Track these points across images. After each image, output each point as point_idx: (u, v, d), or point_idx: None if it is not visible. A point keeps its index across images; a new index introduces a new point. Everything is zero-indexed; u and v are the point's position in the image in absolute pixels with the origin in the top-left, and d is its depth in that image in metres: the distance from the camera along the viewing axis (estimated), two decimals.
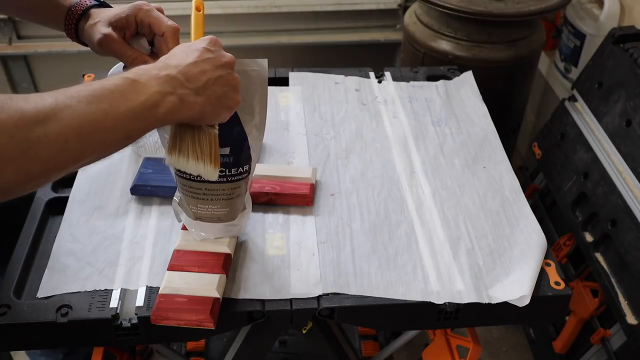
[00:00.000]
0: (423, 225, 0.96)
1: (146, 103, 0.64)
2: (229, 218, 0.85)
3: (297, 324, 0.85)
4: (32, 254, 0.92)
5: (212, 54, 0.72)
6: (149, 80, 0.65)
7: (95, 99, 0.61)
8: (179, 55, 0.71)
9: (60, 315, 0.81)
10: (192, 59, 0.70)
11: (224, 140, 0.76)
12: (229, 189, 0.81)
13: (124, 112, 0.63)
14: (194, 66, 0.69)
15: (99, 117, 0.61)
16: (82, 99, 0.61)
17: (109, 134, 0.63)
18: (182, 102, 0.67)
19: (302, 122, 1.17)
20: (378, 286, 0.86)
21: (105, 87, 0.63)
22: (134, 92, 0.64)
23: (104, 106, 0.62)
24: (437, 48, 1.62)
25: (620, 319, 1.21)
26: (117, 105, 0.63)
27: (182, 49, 0.72)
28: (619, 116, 1.31)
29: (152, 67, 0.68)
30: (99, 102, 0.62)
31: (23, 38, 2.07)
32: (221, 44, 0.75)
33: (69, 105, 0.60)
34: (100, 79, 0.66)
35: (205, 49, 0.72)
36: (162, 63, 0.69)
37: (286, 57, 2.20)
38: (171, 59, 0.70)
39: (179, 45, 0.75)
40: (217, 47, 0.73)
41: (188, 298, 0.81)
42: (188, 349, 1.37)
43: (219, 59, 0.72)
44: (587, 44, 1.67)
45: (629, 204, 1.22)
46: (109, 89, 0.63)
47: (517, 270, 0.89)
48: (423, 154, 1.10)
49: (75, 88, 0.62)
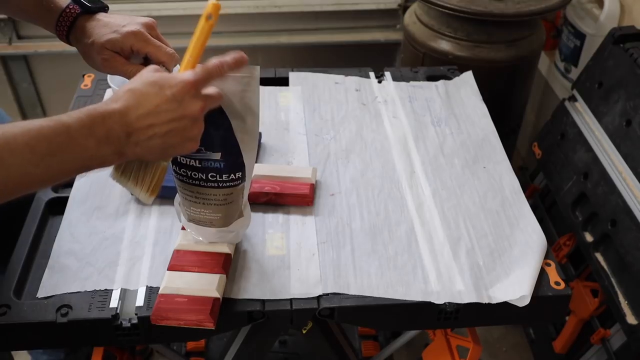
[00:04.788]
0: (423, 225, 0.96)
1: (82, 164, 0.65)
2: (222, 224, 0.85)
3: (297, 324, 0.85)
4: (32, 254, 0.92)
5: (177, 105, 0.66)
6: (88, 138, 0.63)
7: (27, 149, 0.61)
8: (137, 95, 0.66)
9: (60, 315, 0.81)
10: (147, 108, 0.65)
11: (214, 146, 0.76)
12: (220, 195, 0.81)
13: (55, 168, 0.63)
14: (144, 118, 0.65)
15: (29, 170, 0.61)
16: (14, 150, 0.60)
17: (36, 183, 0.64)
18: (119, 157, 0.67)
19: (302, 122, 1.17)
20: (378, 286, 0.86)
21: (43, 137, 0.61)
22: (68, 151, 0.63)
23: (36, 159, 0.61)
24: (437, 48, 1.62)
25: (620, 319, 1.21)
26: (50, 160, 0.62)
27: (149, 84, 0.66)
28: (619, 116, 1.31)
29: (97, 114, 0.64)
30: (32, 154, 0.61)
31: (23, 38, 2.07)
32: (205, 82, 0.69)
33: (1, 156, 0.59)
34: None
35: (172, 96, 0.66)
36: (111, 108, 0.65)
37: (286, 57, 2.20)
38: (127, 97, 0.66)
39: (151, 73, 0.68)
40: (190, 94, 0.67)
41: (188, 298, 0.81)
42: (188, 349, 1.37)
43: (182, 111, 0.67)
44: (587, 44, 1.67)
45: (629, 204, 1.22)
46: (46, 141, 0.61)
47: (517, 270, 0.89)
48: (423, 154, 1.10)
49: (12, 131, 0.61)
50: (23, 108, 2.25)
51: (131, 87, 0.67)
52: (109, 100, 0.66)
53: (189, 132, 0.69)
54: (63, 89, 1.84)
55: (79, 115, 0.64)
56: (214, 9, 0.71)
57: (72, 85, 1.26)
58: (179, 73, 0.69)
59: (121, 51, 0.84)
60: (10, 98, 2.18)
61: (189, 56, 0.71)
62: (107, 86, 1.18)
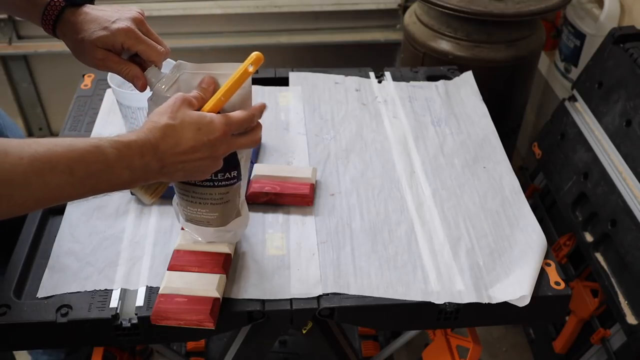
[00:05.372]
0: (423, 225, 0.96)
1: (112, 188, 0.69)
2: (219, 223, 0.84)
3: (297, 324, 0.85)
4: (32, 254, 0.91)
5: (210, 149, 0.72)
6: (124, 169, 0.67)
7: (67, 171, 0.64)
8: (176, 134, 0.70)
9: (60, 315, 0.81)
10: (183, 148, 0.70)
11: None
12: (216, 194, 0.81)
13: (88, 189, 0.67)
14: (179, 156, 0.70)
15: (65, 189, 0.65)
16: (55, 168, 0.63)
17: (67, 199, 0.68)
18: (146, 181, 0.72)
19: (302, 122, 1.16)
20: (378, 286, 0.86)
21: (83, 161, 0.65)
22: (104, 177, 0.67)
23: (73, 180, 0.64)
24: (437, 48, 1.62)
25: (620, 319, 1.21)
26: (85, 182, 0.66)
27: (188, 125, 0.70)
28: (619, 116, 1.31)
29: (137, 147, 0.68)
30: (70, 175, 0.64)
31: (23, 38, 2.07)
32: (237, 126, 0.73)
33: (41, 175, 0.62)
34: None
35: (208, 142, 0.71)
36: (150, 143, 0.69)
37: (286, 57, 2.20)
38: (166, 134, 0.69)
39: (189, 112, 0.72)
40: (223, 140, 0.72)
41: (188, 298, 0.81)
42: (188, 349, 1.37)
43: (213, 153, 0.72)
44: (587, 44, 1.67)
45: (629, 204, 1.22)
46: (85, 166, 0.65)
47: (517, 270, 0.89)
48: (423, 154, 1.10)
49: (56, 150, 0.64)
50: (23, 108, 2.25)
51: (170, 122, 0.70)
52: (147, 131, 0.69)
53: (212, 168, 0.75)
54: (63, 89, 1.85)
55: (118, 147, 0.67)
56: (257, 60, 0.75)
57: (72, 85, 1.26)
58: (215, 116, 0.72)
59: (112, 48, 0.83)
60: (10, 98, 2.18)
61: (221, 96, 0.74)
62: (107, 86, 1.18)
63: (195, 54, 2.11)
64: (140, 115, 0.99)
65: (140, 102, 0.98)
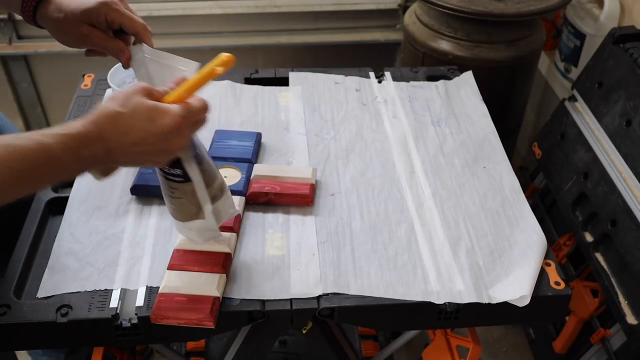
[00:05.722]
0: (423, 225, 0.96)
1: (60, 178, 0.68)
2: (179, 217, 0.82)
3: (297, 324, 0.85)
4: (32, 254, 0.91)
5: (162, 141, 0.68)
6: (71, 162, 0.65)
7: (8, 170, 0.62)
8: (125, 124, 0.67)
9: (60, 315, 0.81)
10: (132, 140, 0.67)
11: None
12: (167, 186, 0.78)
13: (37, 183, 0.67)
14: (129, 146, 0.67)
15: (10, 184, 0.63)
16: None
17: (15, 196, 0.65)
18: (95, 167, 0.70)
19: (302, 122, 1.16)
20: (378, 286, 0.86)
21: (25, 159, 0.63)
22: (50, 170, 0.65)
23: (17, 176, 0.63)
24: (437, 48, 1.62)
25: (620, 319, 1.21)
26: (31, 178, 0.65)
27: (139, 115, 0.67)
28: (619, 116, 1.31)
29: (83, 139, 0.65)
30: (13, 172, 0.63)
31: (23, 38, 2.07)
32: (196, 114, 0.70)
33: None
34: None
35: (159, 134, 0.67)
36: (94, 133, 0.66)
37: (286, 57, 2.20)
38: (114, 123, 0.67)
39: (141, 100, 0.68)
40: (176, 132, 0.68)
41: (188, 297, 0.81)
42: (188, 349, 1.37)
43: (164, 146, 0.69)
44: (587, 44, 1.67)
45: (629, 204, 1.22)
46: (28, 163, 0.63)
47: (517, 270, 0.89)
48: (423, 154, 1.10)
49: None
50: (23, 108, 2.25)
51: (120, 110, 0.67)
52: (94, 118, 0.67)
53: (164, 159, 0.72)
54: (63, 89, 1.84)
55: (63, 139, 0.65)
56: (227, 61, 0.70)
57: (72, 85, 1.26)
58: (169, 107, 0.69)
59: (97, 23, 0.83)
60: (10, 98, 2.18)
61: (184, 91, 0.71)
62: (107, 86, 1.18)
63: (195, 54, 2.09)
64: None
65: None
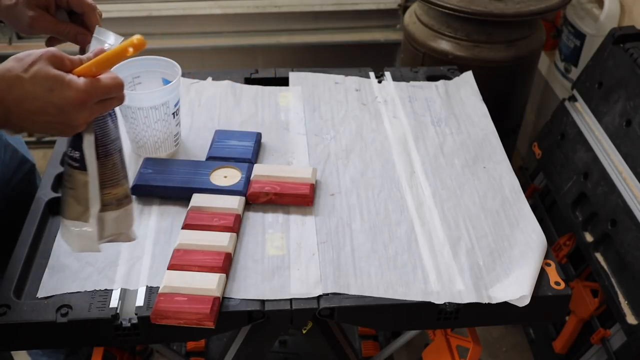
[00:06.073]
0: (423, 225, 0.96)
1: None
2: (64, 212, 0.76)
3: (297, 324, 0.85)
4: (32, 254, 0.91)
5: (60, 114, 0.64)
6: None
7: None
8: (23, 89, 0.63)
9: (60, 315, 0.81)
10: (29, 108, 0.64)
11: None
12: (64, 172, 0.74)
13: None
14: (25, 114, 0.64)
15: None
16: None
17: None
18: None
19: (302, 122, 1.17)
20: (378, 286, 0.86)
21: None
22: None
23: None
24: (437, 48, 1.62)
25: (620, 319, 1.21)
26: None
27: (40, 83, 0.64)
28: (619, 116, 1.32)
29: None
30: None
31: (23, 38, 2.07)
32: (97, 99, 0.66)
33: None
34: None
35: (59, 106, 0.64)
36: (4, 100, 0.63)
37: (286, 57, 2.20)
38: (10, 89, 0.63)
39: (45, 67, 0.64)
40: (77, 107, 0.65)
41: (188, 297, 0.81)
42: (188, 349, 1.37)
43: (64, 119, 0.65)
44: (587, 44, 1.68)
45: (629, 204, 1.22)
46: None
47: (517, 270, 0.89)
48: (423, 154, 1.10)
49: None
50: None
51: (19, 74, 0.64)
52: None
53: (69, 132, 0.68)
54: None
55: None
56: (138, 44, 0.65)
57: None
58: (74, 79, 0.65)
59: (47, 7, 0.81)
60: None
61: (93, 64, 0.67)
62: None
63: (195, 53, 2.10)
64: (140, 115, 0.99)
65: (140, 102, 0.97)
